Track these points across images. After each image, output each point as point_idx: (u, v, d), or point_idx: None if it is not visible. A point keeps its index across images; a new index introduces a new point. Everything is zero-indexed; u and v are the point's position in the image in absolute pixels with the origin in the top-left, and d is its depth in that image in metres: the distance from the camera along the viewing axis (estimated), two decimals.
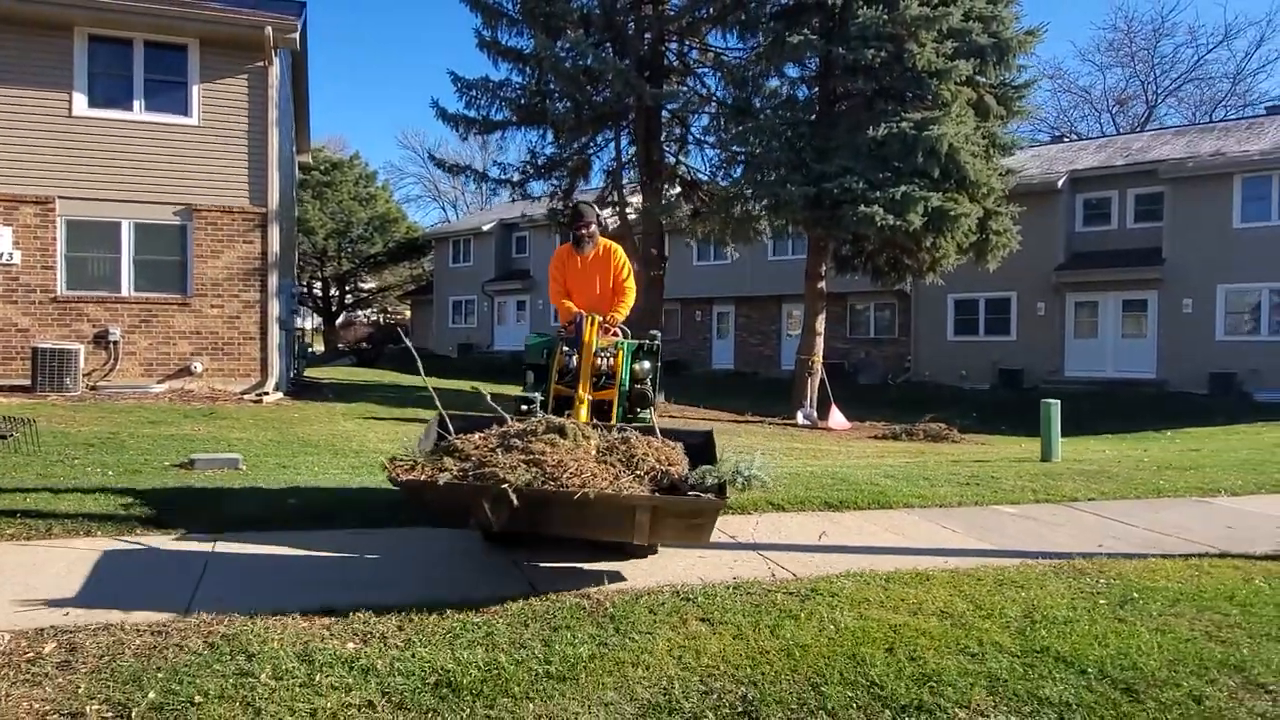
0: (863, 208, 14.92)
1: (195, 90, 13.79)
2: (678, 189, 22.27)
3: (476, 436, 4.35)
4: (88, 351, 13.09)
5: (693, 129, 21.63)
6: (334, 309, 46.85)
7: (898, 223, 14.99)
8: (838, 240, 18.07)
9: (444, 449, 4.26)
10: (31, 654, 3.34)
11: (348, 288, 47.43)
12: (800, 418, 17.90)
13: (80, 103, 13.28)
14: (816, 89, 18.22)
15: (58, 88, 13.13)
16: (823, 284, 18.81)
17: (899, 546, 5.62)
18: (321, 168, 44.12)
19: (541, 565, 4.73)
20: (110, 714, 2.91)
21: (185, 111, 13.77)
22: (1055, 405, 10.28)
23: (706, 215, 19.35)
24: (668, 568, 4.85)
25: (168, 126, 13.66)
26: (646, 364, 5.83)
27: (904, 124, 15.22)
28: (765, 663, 3.51)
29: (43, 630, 3.58)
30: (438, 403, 4.85)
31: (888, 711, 3.12)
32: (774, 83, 19.13)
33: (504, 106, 19.18)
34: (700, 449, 4.67)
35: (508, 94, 19.19)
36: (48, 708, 2.94)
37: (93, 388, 13.01)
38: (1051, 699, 3.26)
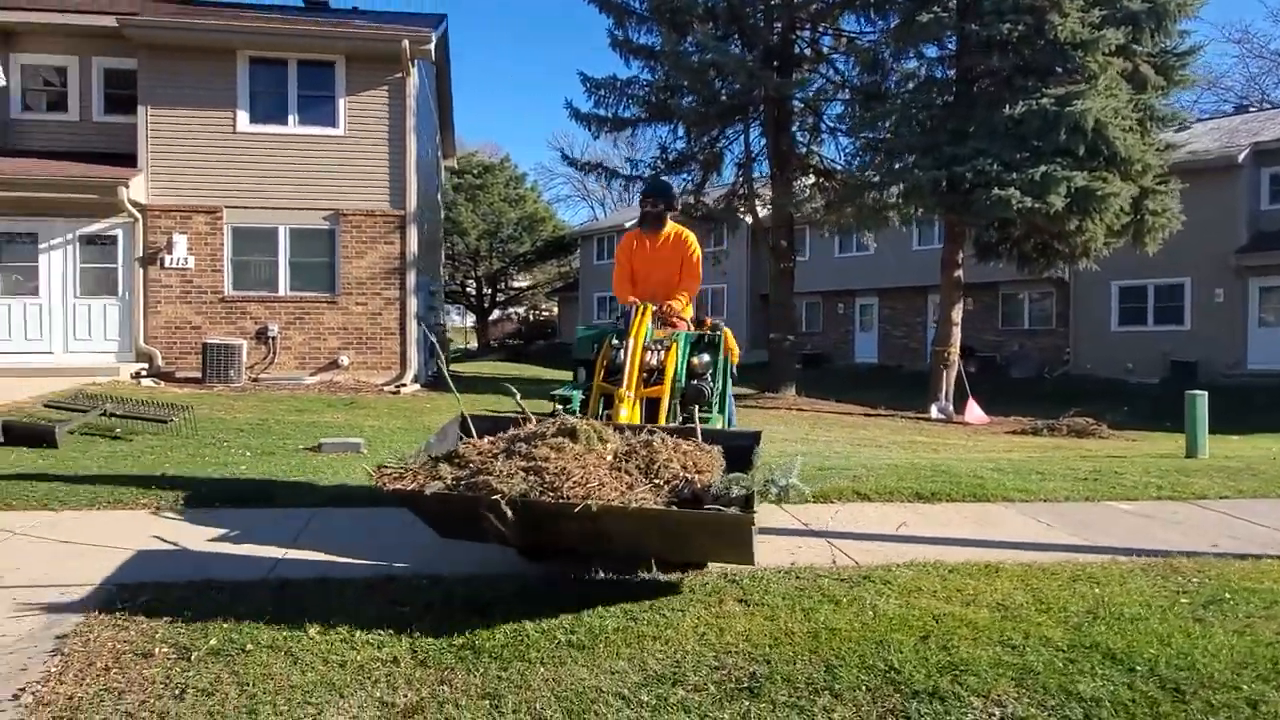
0: (997, 190, 14.19)
1: (341, 103, 14.83)
2: (811, 179, 21.93)
3: (485, 441, 3.94)
4: (250, 346, 14.36)
5: (825, 117, 21.24)
6: (486, 306, 48.93)
7: (1036, 205, 14.16)
8: (975, 226, 17.25)
9: (445, 455, 3.83)
10: (127, 602, 3.79)
11: (499, 286, 49.40)
12: (934, 411, 17.24)
13: (243, 119, 14.57)
14: (953, 69, 17.47)
15: (224, 107, 14.45)
16: (959, 273, 18.02)
17: (980, 539, 5.39)
18: (474, 171, 46.16)
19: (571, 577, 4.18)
20: (174, 655, 3.28)
21: (333, 123, 14.83)
22: (1202, 398, 9.47)
23: (837, 205, 18.93)
24: None
25: (317, 138, 14.76)
26: (706, 357, 5.20)
27: (1044, 100, 14.35)
28: (787, 643, 3.49)
29: (144, 584, 4.04)
30: (518, 400, 4.53)
31: (897, 696, 3.05)
32: (911, 64, 18.53)
33: (632, 104, 19.49)
34: (746, 453, 4.07)
35: (635, 91, 19.48)
36: (125, 648, 3.34)
37: (254, 379, 14.27)
38: (1083, 694, 3.08)
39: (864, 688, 3.12)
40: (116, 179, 13.59)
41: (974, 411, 16.73)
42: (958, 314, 18.04)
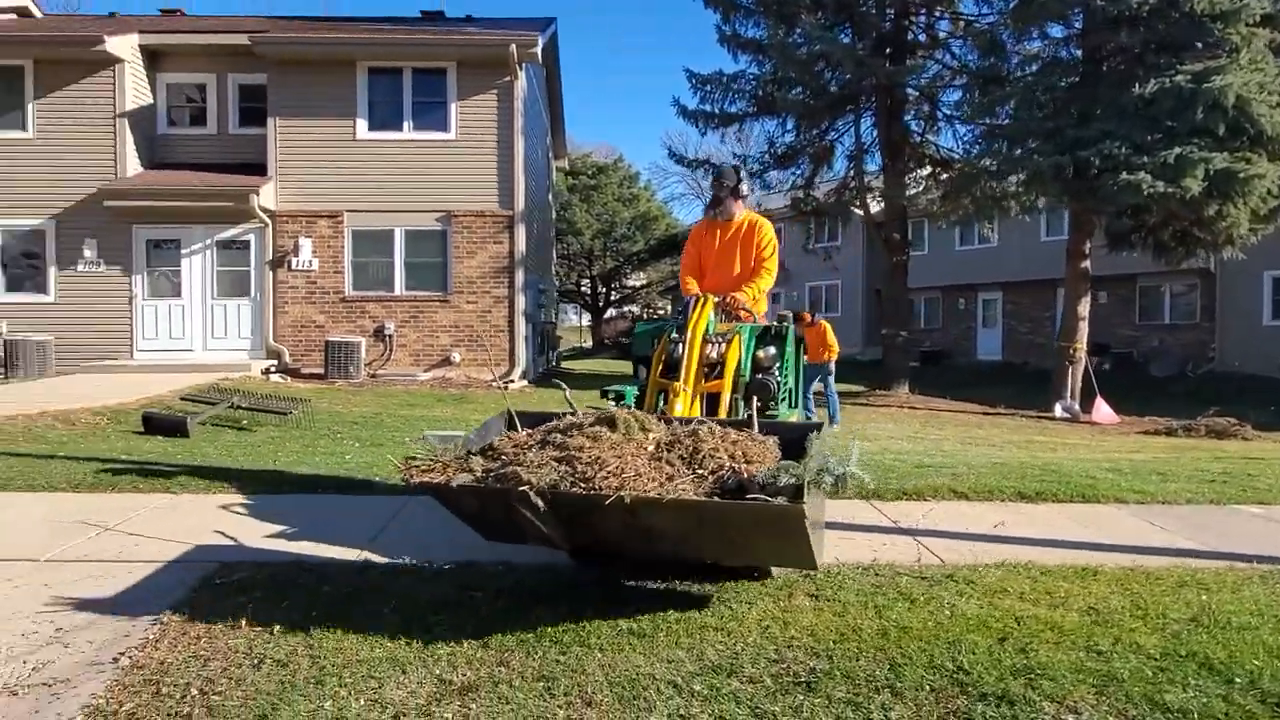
0: (1126, 175, 13.35)
1: (453, 108, 15.33)
2: (926, 169, 21.22)
3: (521, 434, 3.76)
4: (368, 344, 15.04)
5: (941, 104, 20.50)
6: (600, 305, 49.57)
7: (1170, 190, 13.24)
8: (1104, 214, 16.28)
9: (481, 449, 3.67)
10: (225, 579, 4.05)
11: (613, 285, 49.96)
12: (1058, 410, 16.37)
13: (362, 127, 15.26)
14: (1079, 49, 16.54)
15: (344, 116, 15.18)
16: (1086, 264, 17.05)
17: (1082, 541, 5.09)
18: (588, 172, 46.85)
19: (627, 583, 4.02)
20: (258, 628, 3.47)
21: (445, 128, 15.35)
22: None
23: (953, 195, 18.24)
24: None
25: (430, 142, 15.31)
26: (772, 349, 4.92)
27: (1179, 77, 13.41)
28: (853, 640, 3.40)
29: (242, 563, 4.30)
30: (567, 395, 4.32)
31: (963, 697, 2.92)
32: (1034, 45, 17.69)
33: (738, 99, 19.35)
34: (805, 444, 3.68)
35: (742, 86, 19.33)
36: (216, 620, 3.57)
37: (372, 375, 14.94)
38: (1170, 705, 2.87)
39: (928, 687, 3.00)
40: (248, 187, 14.49)
41: (1102, 410, 15.80)
42: (1084, 308, 17.08)
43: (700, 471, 3.28)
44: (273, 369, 14.83)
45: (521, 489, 3.17)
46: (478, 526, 3.85)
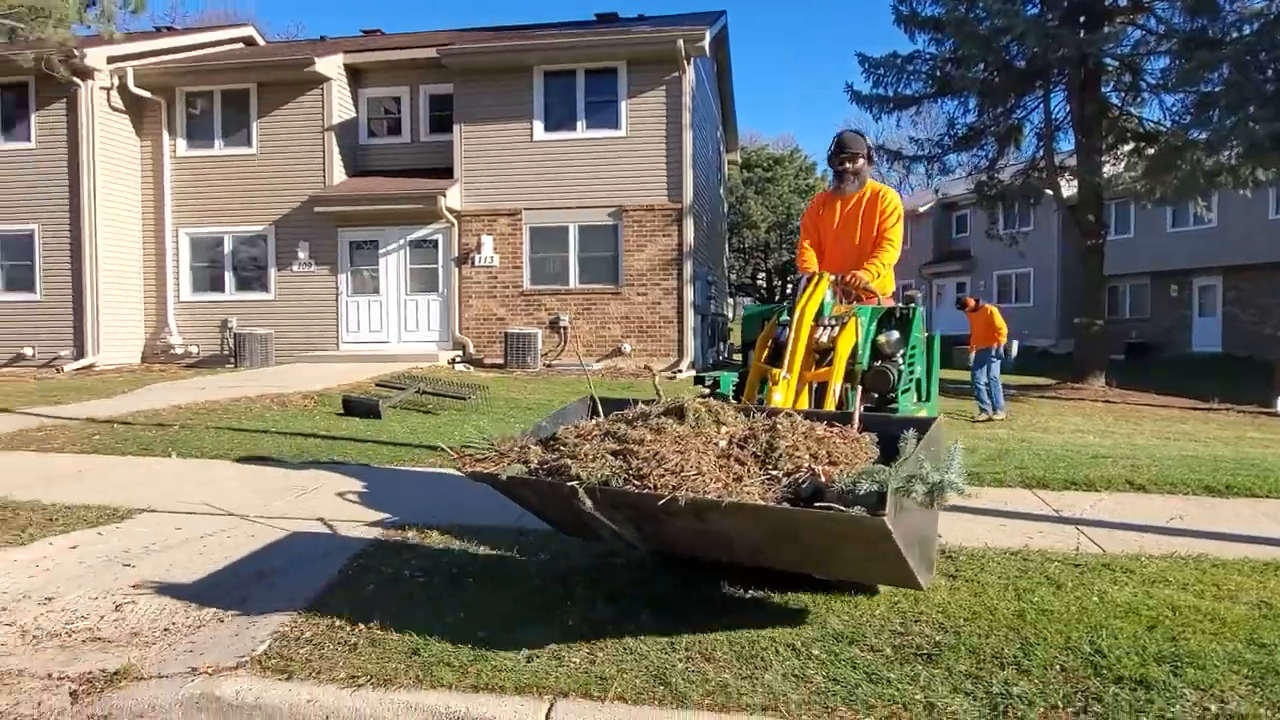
0: None
1: (623, 105, 15.78)
2: (1127, 146, 19.61)
3: (590, 423, 3.52)
4: (544, 335, 15.77)
5: (1146, 74, 18.87)
6: (776, 299, 49.22)
7: None
8: None
9: (544, 438, 3.46)
10: (396, 538, 4.48)
11: (788, 278, 49.43)
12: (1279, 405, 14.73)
13: (538, 129, 16.01)
14: None
15: (522, 119, 15.98)
16: None
17: (1272, 537, 4.65)
18: (763, 164, 46.64)
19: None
20: (420, 578, 3.84)
21: (616, 125, 15.82)
22: None
23: (1156, 172, 16.77)
24: (954, 529, 4.66)
25: (602, 140, 15.83)
26: (895, 334, 4.42)
27: None
28: (986, 619, 3.33)
29: (414, 523, 4.74)
30: (655, 381, 4.15)
31: (1096, 679, 2.81)
32: (1257, 2, 15.97)
33: (914, 80, 18.67)
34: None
35: (918, 67, 18.63)
36: (386, 571, 3.98)
37: (547, 365, 15.67)
38: None
39: (1059, 667, 2.91)
40: (436, 189, 15.57)
41: None
42: None
43: (774, 472, 2.91)
44: (457, 359, 15.86)
45: (570, 484, 2.94)
46: (549, 521, 3.71)
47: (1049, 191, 19.99)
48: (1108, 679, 2.81)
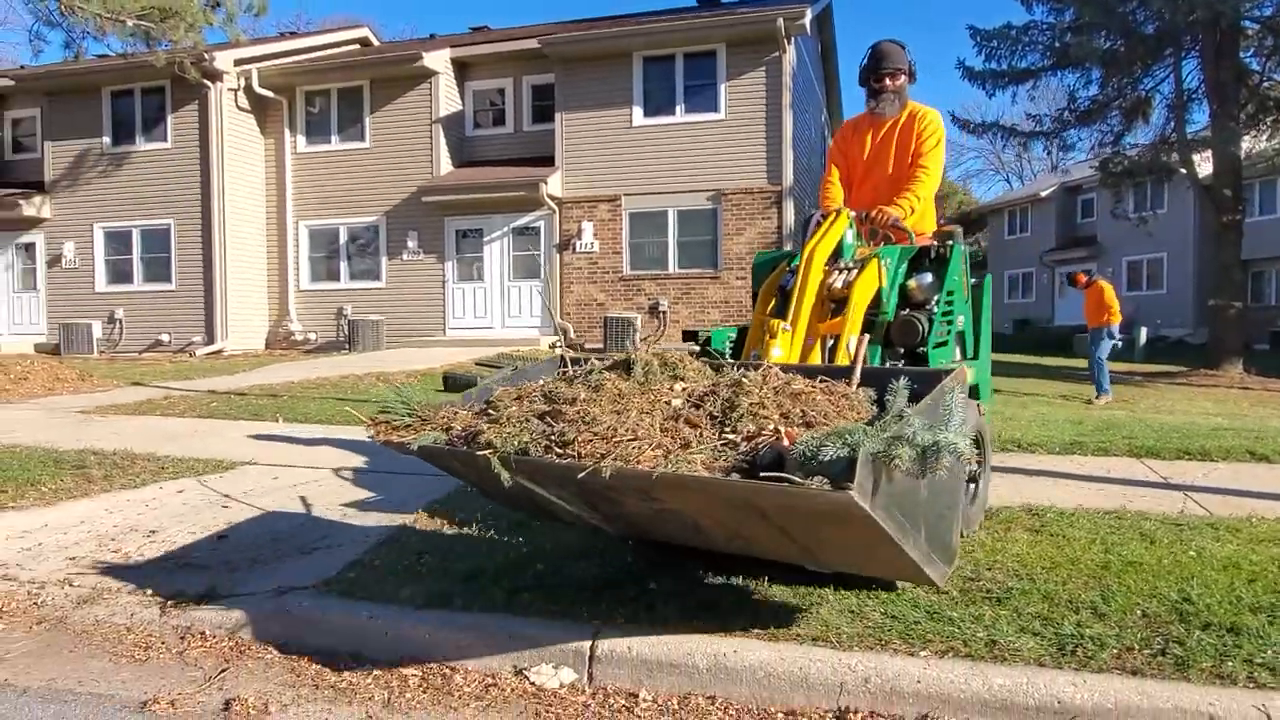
0: None
1: (722, 88, 15.66)
2: (1272, 117, 18.15)
3: (536, 385, 2.94)
4: (643, 319, 15.84)
5: None
6: None
7: None
8: None
9: (486, 402, 2.92)
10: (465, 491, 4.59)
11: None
12: None
13: (638, 114, 16.08)
14: None
15: (621, 105, 16.08)
16: None
17: None
18: None
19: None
20: (471, 525, 3.92)
21: (715, 108, 15.73)
22: None
23: None
24: (1043, 493, 4.43)
25: (700, 124, 15.76)
26: (928, 278, 3.70)
27: None
28: (1066, 568, 3.15)
29: None
30: (637, 336, 3.55)
31: (1180, 625, 2.62)
32: None
33: (1030, 51, 17.79)
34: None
35: (1034, 38, 17.75)
36: (451, 516, 4.08)
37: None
38: None
39: (1139, 613, 2.72)
40: (538, 177, 15.84)
41: None
42: None
43: (730, 436, 2.36)
44: (557, 344, 16.11)
45: (481, 454, 2.49)
46: (501, 502, 3.28)
47: (1182, 170, 18.72)
48: (1193, 625, 2.61)
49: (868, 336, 3.11)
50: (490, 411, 2.77)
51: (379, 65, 17.33)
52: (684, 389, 2.69)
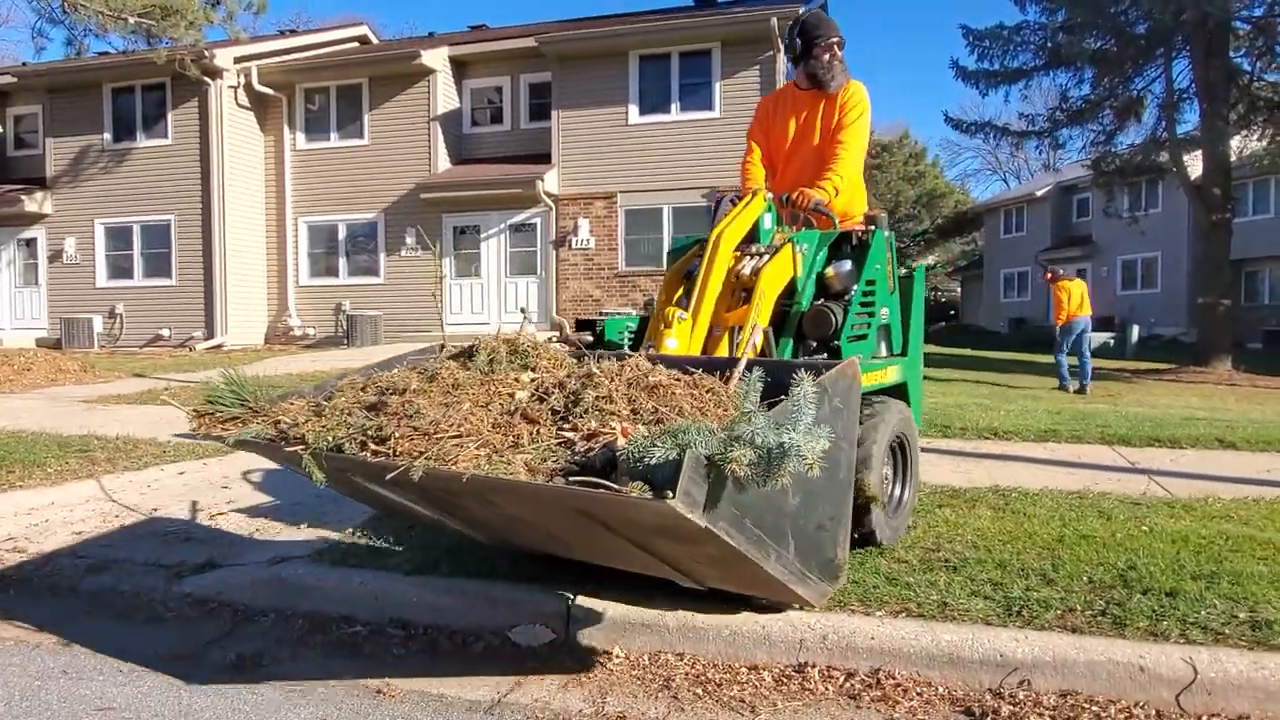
0: None
1: (717, 87, 15.82)
2: (1262, 117, 18.33)
3: (386, 375, 2.70)
4: (640, 316, 16.00)
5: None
6: None
7: None
8: None
9: (324, 394, 2.71)
10: None
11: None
12: None
13: (633, 112, 16.24)
14: None
15: (617, 103, 16.24)
16: None
17: None
18: (872, 151, 45.56)
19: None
20: None
21: (710, 106, 15.89)
22: None
23: None
24: (1012, 476, 4.60)
25: (696, 122, 15.92)
26: (847, 266, 3.41)
27: None
28: (1023, 541, 3.32)
29: None
30: (526, 317, 3.30)
31: (1123, 589, 2.79)
32: None
33: (1022, 51, 17.96)
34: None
35: (1026, 38, 17.92)
36: None
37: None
38: None
39: (1086, 579, 2.90)
40: (534, 175, 16.00)
41: None
42: None
43: (569, 434, 2.15)
44: (554, 339, 16.24)
45: (293, 450, 2.33)
46: (357, 500, 3.03)
47: (1173, 169, 18.90)
48: (1135, 590, 2.79)
49: (766, 328, 3.03)
50: (323, 401, 2.58)
51: (378, 63, 17.49)
52: (532, 380, 2.46)
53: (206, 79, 16.24)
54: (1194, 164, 18.70)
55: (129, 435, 5.89)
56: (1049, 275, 12.46)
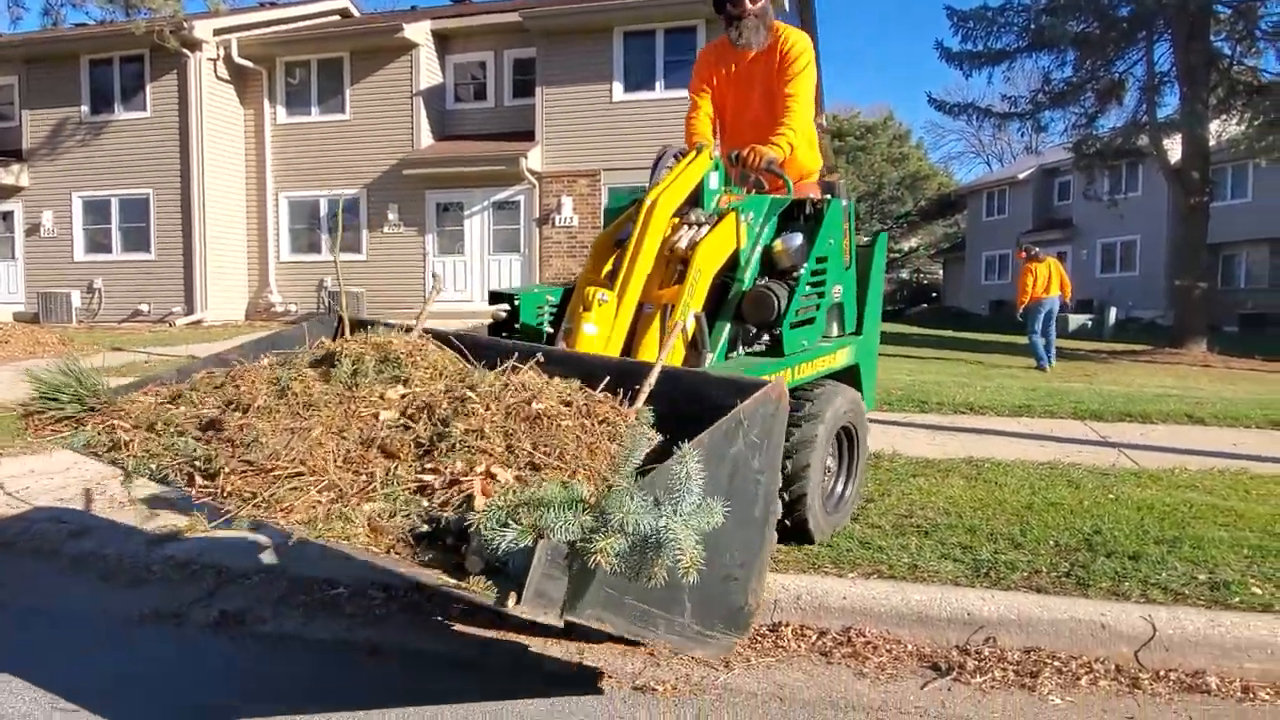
0: None
1: None
2: (1241, 101, 18.49)
3: (252, 368, 2.36)
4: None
5: (1263, 20, 17.70)
6: None
7: None
8: None
9: (190, 382, 2.37)
10: None
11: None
12: None
13: (618, 90, 16.18)
14: None
15: (601, 80, 16.17)
16: None
17: None
18: (855, 133, 45.64)
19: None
20: None
21: None
22: None
23: (1265, 125, 15.82)
24: (986, 448, 4.68)
25: (681, 100, 15.74)
26: (797, 240, 3.03)
27: None
28: (993, 508, 3.40)
29: None
30: (432, 288, 3.12)
31: (1087, 552, 2.88)
32: None
33: (1005, 32, 18.00)
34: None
35: (1009, 19, 17.95)
36: None
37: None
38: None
39: (1052, 543, 2.98)
40: (518, 152, 15.94)
41: None
42: None
43: (428, 478, 1.82)
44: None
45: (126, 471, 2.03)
46: None
47: (1153, 152, 19.04)
48: (1100, 553, 2.87)
49: (699, 313, 2.67)
50: (169, 406, 2.21)
51: (359, 36, 17.33)
52: (403, 397, 2.08)
53: (185, 51, 16.03)
54: (1174, 148, 18.86)
55: None
56: (1021, 254, 12.55)
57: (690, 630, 1.85)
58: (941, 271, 49.49)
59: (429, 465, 1.85)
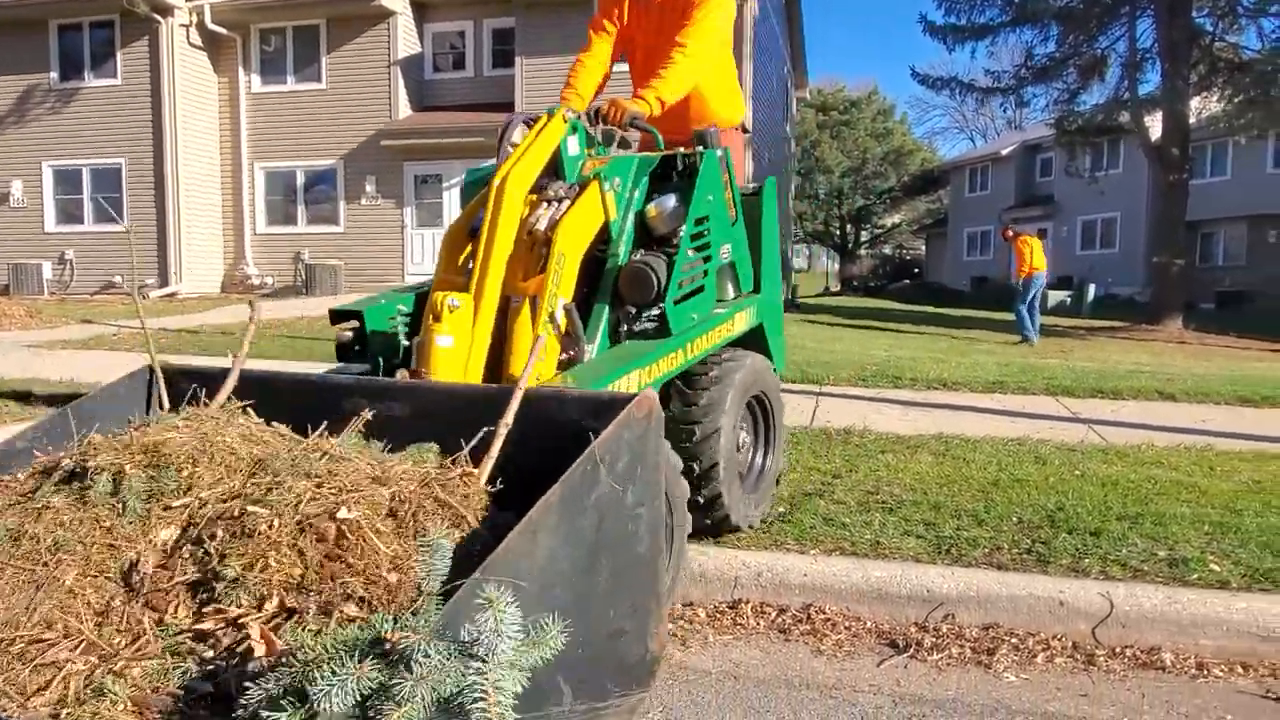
0: None
1: None
2: (1222, 78, 18.51)
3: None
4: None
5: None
6: (850, 246, 48.31)
7: None
8: None
9: None
10: None
11: (862, 225, 48.41)
12: None
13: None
14: None
15: (580, 51, 15.96)
16: None
17: None
18: (840, 107, 45.42)
19: None
20: None
21: None
22: None
23: (1247, 103, 15.86)
24: (956, 424, 4.68)
25: None
26: (672, 201, 2.67)
27: None
28: (959, 484, 3.40)
29: None
30: (252, 314, 2.76)
31: (1049, 529, 2.88)
32: None
33: (989, 6, 17.92)
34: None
35: None
36: None
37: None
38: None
39: (1015, 519, 2.98)
40: (498, 124, 15.74)
41: None
42: None
43: (207, 625, 1.44)
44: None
45: None
46: None
47: (1134, 129, 19.05)
48: (1061, 529, 2.87)
49: (569, 304, 2.34)
50: None
51: (336, 3, 16.95)
52: (184, 509, 1.60)
53: (157, 16, 15.71)
54: (1154, 125, 18.88)
55: (73, 379, 5.78)
56: (1008, 230, 12.61)
57: (577, 713, 1.50)
58: (924, 247, 49.60)
59: (209, 607, 1.45)
